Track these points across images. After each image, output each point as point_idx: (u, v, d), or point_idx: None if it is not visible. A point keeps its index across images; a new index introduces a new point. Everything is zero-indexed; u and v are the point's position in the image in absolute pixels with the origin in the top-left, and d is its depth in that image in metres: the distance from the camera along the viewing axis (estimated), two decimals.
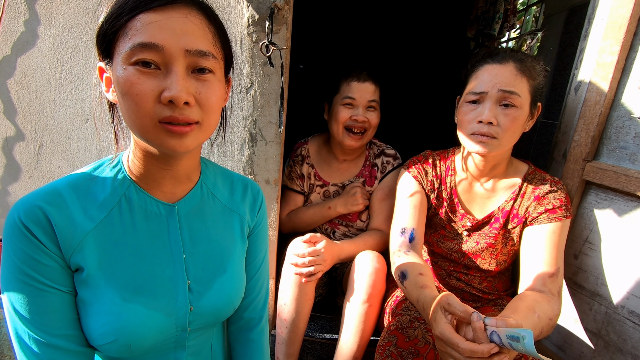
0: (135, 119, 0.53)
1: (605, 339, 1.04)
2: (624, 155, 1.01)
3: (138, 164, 0.61)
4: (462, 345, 0.71)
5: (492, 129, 0.97)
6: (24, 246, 0.53)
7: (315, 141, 1.60)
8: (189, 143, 0.55)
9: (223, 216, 0.72)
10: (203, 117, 0.56)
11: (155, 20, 0.51)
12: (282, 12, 1.12)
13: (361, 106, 1.38)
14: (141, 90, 0.51)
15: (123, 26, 0.51)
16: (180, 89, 0.51)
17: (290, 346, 1.25)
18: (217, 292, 0.67)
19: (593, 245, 1.07)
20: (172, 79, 0.52)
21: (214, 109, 0.58)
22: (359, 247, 1.32)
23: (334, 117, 1.42)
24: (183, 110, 0.53)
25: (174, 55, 0.52)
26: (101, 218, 0.58)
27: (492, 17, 2.44)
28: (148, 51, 0.50)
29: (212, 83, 0.57)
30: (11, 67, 1.21)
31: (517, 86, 0.95)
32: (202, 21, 0.55)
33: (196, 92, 0.54)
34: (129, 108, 0.52)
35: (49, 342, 0.55)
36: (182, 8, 0.53)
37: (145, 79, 0.51)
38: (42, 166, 1.29)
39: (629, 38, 0.99)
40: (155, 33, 0.50)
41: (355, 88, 1.37)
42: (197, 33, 0.54)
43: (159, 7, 0.51)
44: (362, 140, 1.42)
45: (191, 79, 0.54)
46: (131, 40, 0.50)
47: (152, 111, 0.52)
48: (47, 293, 0.54)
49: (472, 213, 1.15)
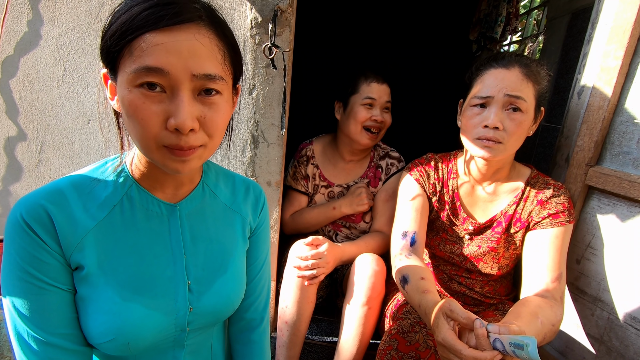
0: (140, 140, 0.53)
1: (608, 345, 1.04)
2: (627, 160, 1.00)
3: (141, 166, 0.62)
4: (465, 352, 0.71)
5: (497, 133, 0.96)
6: (25, 244, 0.53)
7: (320, 142, 1.60)
8: (192, 165, 0.56)
9: (224, 217, 0.72)
10: (207, 140, 0.56)
11: (161, 42, 0.49)
12: (285, 15, 1.11)
13: (379, 106, 1.43)
14: (146, 116, 0.50)
15: (128, 44, 0.49)
16: (186, 117, 0.50)
17: (291, 348, 1.25)
18: (217, 293, 0.67)
19: (595, 250, 1.07)
20: (177, 105, 0.50)
21: (219, 130, 0.57)
22: (361, 249, 1.32)
23: (352, 116, 1.43)
24: (188, 137, 0.52)
25: (180, 80, 0.50)
26: (102, 216, 0.58)
27: (495, 20, 2.44)
28: (153, 75, 0.49)
29: (219, 105, 0.55)
30: (14, 67, 1.21)
31: (523, 91, 0.95)
32: (211, 40, 0.53)
33: (201, 116, 0.53)
34: (134, 129, 0.52)
35: (47, 340, 0.55)
36: (190, 28, 0.50)
37: (151, 104, 0.50)
38: (43, 166, 1.29)
39: (633, 43, 0.98)
40: (161, 56, 0.49)
41: (375, 89, 1.41)
42: (205, 55, 0.52)
43: (166, 28, 0.49)
44: (377, 140, 1.47)
45: (197, 102, 0.53)
46: (136, 63, 0.49)
47: (158, 136, 0.52)
48: (47, 291, 0.55)
49: (474, 217, 1.15)
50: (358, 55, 3.39)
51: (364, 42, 3.39)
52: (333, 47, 3.34)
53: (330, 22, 3.29)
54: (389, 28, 3.38)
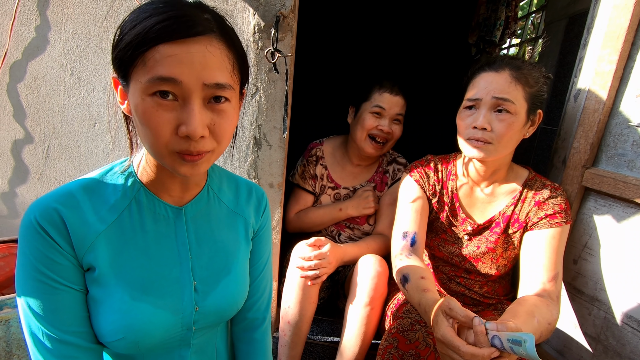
0: (152, 146, 0.55)
1: (604, 344, 1.05)
2: (622, 162, 1.02)
3: (149, 171, 0.64)
4: (463, 348, 0.72)
5: (486, 134, 1.00)
6: (39, 245, 0.55)
7: (330, 143, 1.62)
8: (201, 169, 0.58)
9: (228, 219, 0.74)
10: (215, 146, 0.58)
11: (174, 53, 0.51)
12: (288, 20, 1.14)
13: (388, 117, 1.42)
14: (159, 123, 0.53)
15: (142, 55, 0.51)
16: (197, 125, 0.53)
17: (293, 348, 1.26)
18: (221, 293, 0.69)
19: (592, 250, 1.09)
20: (189, 113, 0.53)
21: (227, 136, 0.59)
22: (363, 251, 1.33)
23: (360, 123, 1.44)
24: (197, 143, 0.55)
25: (192, 89, 0.53)
26: (112, 220, 0.60)
27: (494, 24, 2.47)
28: (166, 84, 0.51)
29: (227, 112, 0.58)
30: (22, 72, 1.23)
31: (511, 93, 0.98)
32: (221, 51, 0.55)
33: (211, 123, 0.56)
34: (146, 135, 0.54)
35: (61, 338, 0.57)
36: (202, 40, 0.52)
37: (163, 112, 0.53)
38: (49, 169, 1.31)
39: (627, 48, 1.01)
40: (174, 67, 0.51)
41: (386, 99, 1.41)
42: (215, 65, 0.54)
43: (179, 40, 0.51)
44: (382, 150, 1.46)
45: (207, 110, 0.55)
46: (150, 73, 0.51)
47: (169, 142, 0.54)
48: (60, 291, 0.56)
49: (472, 217, 1.17)
50: (358, 58, 3.42)
51: (362, 47, 3.41)
52: (333, 51, 3.37)
53: (331, 26, 3.31)
54: (389, 32, 3.41)
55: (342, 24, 3.34)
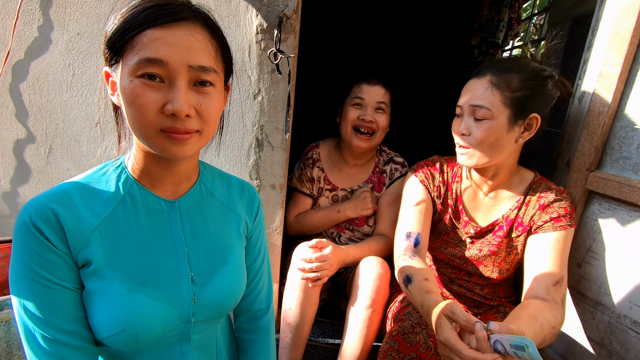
0: (139, 127, 0.57)
1: (608, 348, 1.04)
2: (627, 165, 1.02)
3: (140, 164, 0.65)
4: (466, 352, 0.72)
5: (466, 139, 1.04)
6: (33, 244, 0.55)
7: (326, 145, 1.62)
8: (189, 149, 0.60)
9: (221, 214, 0.75)
10: (203, 127, 0.60)
11: (161, 36, 0.54)
12: (290, 21, 1.14)
13: (370, 107, 1.42)
14: (146, 102, 0.55)
15: (130, 40, 0.54)
16: (182, 102, 0.55)
17: (294, 350, 1.26)
18: (219, 284, 0.70)
19: (596, 254, 1.08)
20: (175, 93, 0.55)
21: (213, 119, 0.61)
22: (364, 252, 1.33)
23: (343, 117, 1.46)
24: (184, 121, 0.57)
25: (178, 70, 0.55)
26: (106, 214, 0.61)
27: (497, 26, 2.46)
28: (153, 66, 0.54)
29: (212, 95, 0.60)
30: (24, 71, 1.23)
31: (487, 99, 0.99)
32: (205, 37, 0.58)
33: (197, 104, 0.58)
34: (133, 116, 0.56)
35: (55, 337, 0.57)
36: (186, 25, 0.56)
37: (150, 92, 0.55)
38: (51, 168, 1.31)
39: (632, 50, 1.00)
40: (160, 49, 0.54)
41: (364, 89, 1.43)
42: (200, 49, 0.57)
43: (165, 24, 0.54)
44: (370, 142, 1.44)
45: (193, 92, 0.58)
46: (138, 55, 0.54)
47: (156, 121, 0.56)
48: (54, 290, 0.57)
49: (475, 220, 1.16)
50: (360, 59, 3.42)
51: (365, 47, 3.41)
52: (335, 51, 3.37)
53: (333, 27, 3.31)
54: (392, 33, 3.41)
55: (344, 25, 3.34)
